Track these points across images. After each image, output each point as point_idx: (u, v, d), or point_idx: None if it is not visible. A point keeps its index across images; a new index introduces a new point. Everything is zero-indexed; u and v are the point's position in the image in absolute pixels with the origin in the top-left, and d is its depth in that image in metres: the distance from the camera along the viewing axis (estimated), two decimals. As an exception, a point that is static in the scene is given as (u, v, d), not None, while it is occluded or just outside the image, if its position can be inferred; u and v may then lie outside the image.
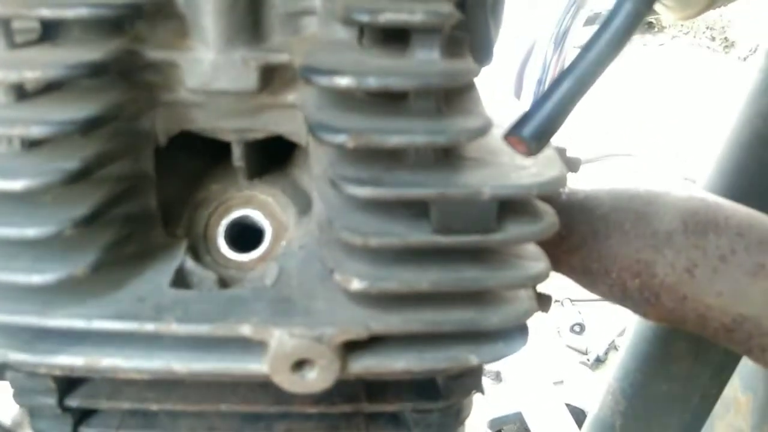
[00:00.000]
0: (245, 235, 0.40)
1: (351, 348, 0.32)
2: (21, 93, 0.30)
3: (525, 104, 0.49)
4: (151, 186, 0.36)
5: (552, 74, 1.17)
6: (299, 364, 0.32)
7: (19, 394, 0.37)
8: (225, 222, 0.40)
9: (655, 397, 0.57)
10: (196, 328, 0.32)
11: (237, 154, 0.38)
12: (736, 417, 0.66)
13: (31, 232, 0.30)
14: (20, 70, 0.28)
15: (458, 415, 0.41)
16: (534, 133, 0.28)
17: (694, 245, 0.37)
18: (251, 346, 0.32)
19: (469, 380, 0.39)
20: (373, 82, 0.27)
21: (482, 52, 0.40)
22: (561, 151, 0.43)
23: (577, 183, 0.47)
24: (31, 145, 0.30)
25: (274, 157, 0.42)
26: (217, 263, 0.39)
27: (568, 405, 1.12)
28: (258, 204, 0.41)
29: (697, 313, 0.38)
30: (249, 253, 0.39)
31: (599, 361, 1.82)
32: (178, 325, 0.32)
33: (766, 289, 0.36)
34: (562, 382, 1.57)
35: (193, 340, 0.32)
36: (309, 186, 0.39)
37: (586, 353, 1.86)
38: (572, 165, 0.44)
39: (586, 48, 0.31)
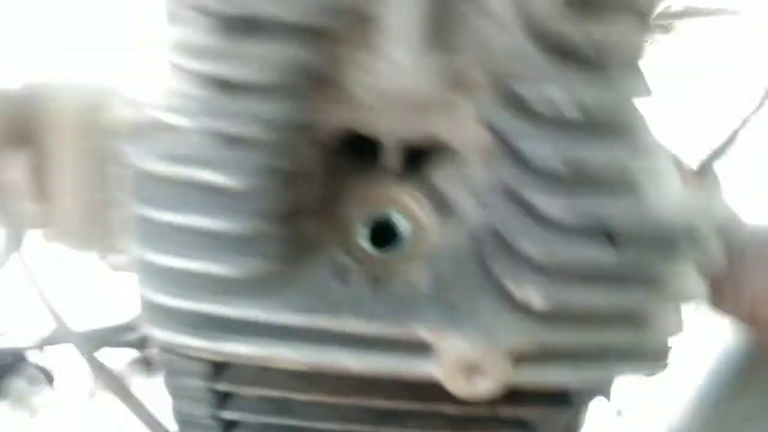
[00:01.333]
0: (385, 234, 0.41)
1: (519, 358, 0.34)
2: (227, 86, 0.30)
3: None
4: (314, 182, 0.37)
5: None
6: (471, 370, 0.33)
7: (170, 374, 0.39)
8: (369, 218, 0.41)
9: (737, 412, 0.58)
10: (373, 327, 0.33)
11: (392, 156, 0.39)
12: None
13: (234, 226, 0.31)
14: (248, 67, 0.28)
15: (578, 421, 0.42)
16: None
17: None
18: (421, 348, 0.34)
19: (598, 391, 0.40)
20: (576, 102, 0.28)
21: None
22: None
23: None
24: (232, 140, 0.31)
25: (413, 158, 0.43)
26: (359, 260, 0.40)
27: None
28: (401, 203, 0.42)
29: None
30: (389, 251, 0.40)
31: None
32: (358, 323, 0.33)
33: None
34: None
35: (363, 337, 0.34)
36: (448, 191, 0.40)
37: None
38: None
39: None
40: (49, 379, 0.75)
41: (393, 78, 0.34)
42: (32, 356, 0.75)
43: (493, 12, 0.34)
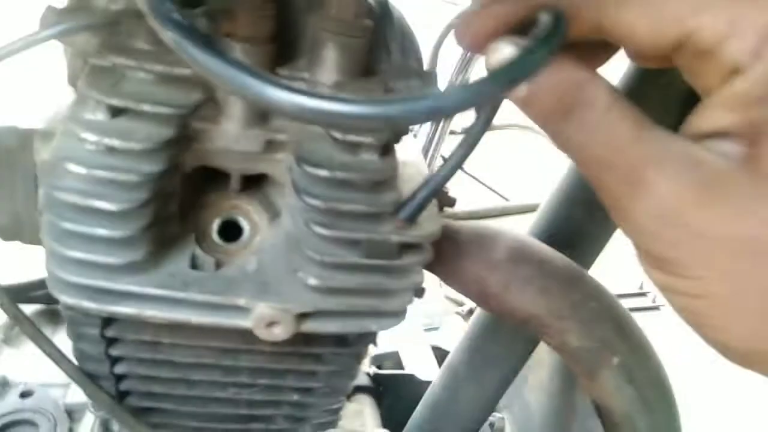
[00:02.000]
0: (231, 231, 0.59)
1: (302, 316, 0.54)
2: (111, 149, 0.48)
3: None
4: (176, 198, 0.55)
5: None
6: (271, 324, 0.53)
7: (72, 324, 0.56)
8: (218, 220, 0.58)
9: (487, 354, 0.83)
10: (210, 298, 0.52)
11: (234, 181, 0.57)
12: (541, 371, 0.94)
13: (115, 234, 0.48)
14: (126, 140, 0.46)
15: (358, 357, 0.64)
16: (408, 215, 0.50)
17: (511, 271, 0.61)
18: (241, 310, 0.53)
19: (367, 338, 0.62)
20: (339, 175, 0.48)
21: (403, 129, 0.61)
22: (442, 195, 0.65)
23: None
24: (113, 182, 0.48)
25: (253, 179, 0.61)
26: (211, 250, 0.58)
27: (439, 348, 1.35)
28: (241, 210, 0.60)
29: (509, 311, 0.62)
30: (233, 243, 0.59)
31: (472, 312, 2.11)
32: (199, 295, 0.52)
33: (548, 301, 0.61)
34: (437, 328, 1.84)
35: (205, 303, 0.52)
36: (277, 201, 0.59)
37: (461, 305, 2.12)
38: (450, 202, 0.67)
39: (453, 153, 0.51)
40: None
41: (227, 140, 0.52)
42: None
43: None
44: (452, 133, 2.06)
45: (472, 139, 0.48)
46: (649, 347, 0.65)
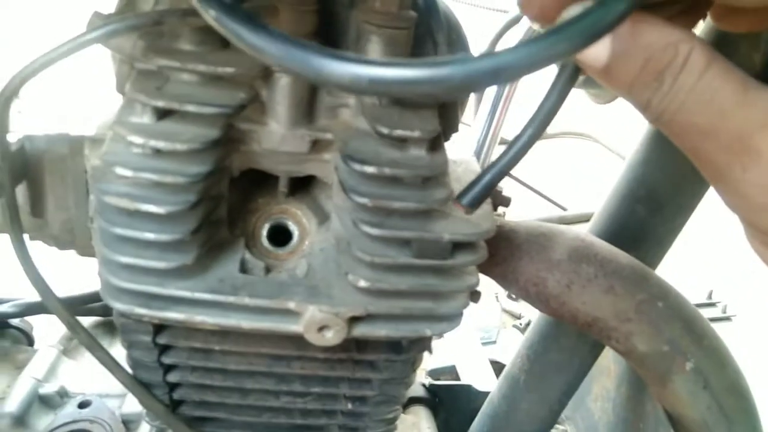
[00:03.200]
0: (280, 236, 0.58)
1: (354, 320, 0.52)
2: (158, 152, 0.47)
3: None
4: (224, 201, 0.54)
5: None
6: (322, 328, 0.51)
7: (125, 332, 0.56)
8: (267, 225, 0.58)
9: (549, 362, 0.78)
10: (260, 302, 0.50)
11: (283, 184, 0.56)
12: (606, 380, 0.89)
13: (164, 237, 0.47)
14: (172, 141, 0.45)
15: (413, 364, 0.61)
16: (470, 201, 0.47)
17: (573, 270, 0.58)
18: (291, 314, 0.51)
19: (422, 343, 0.59)
20: (387, 171, 0.46)
21: (451, 125, 0.59)
22: (496, 194, 0.62)
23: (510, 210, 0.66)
24: (160, 185, 0.48)
25: (302, 181, 0.60)
26: (261, 254, 0.57)
27: (496, 362, 1.32)
28: (290, 214, 0.59)
29: (570, 313, 0.59)
30: (282, 248, 0.57)
31: (529, 325, 2.07)
32: (249, 299, 0.50)
33: (613, 302, 0.57)
34: (495, 342, 1.80)
35: (256, 308, 0.51)
36: (326, 204, 0.58)
37: (519, 318, 2.08)
38: (505, 201, 0.64)
39: (522, 132, 0.48)
40: (30, 339, 0.91)
41: (273, 141, 0.51)
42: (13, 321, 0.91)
43: (345, 103, 0.51)
44: (502, 142, 2.02)
45: (542, 116, 0.44)
46: (724, 350, 0.60)
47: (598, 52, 0.33)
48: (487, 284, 0.62)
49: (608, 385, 0.88)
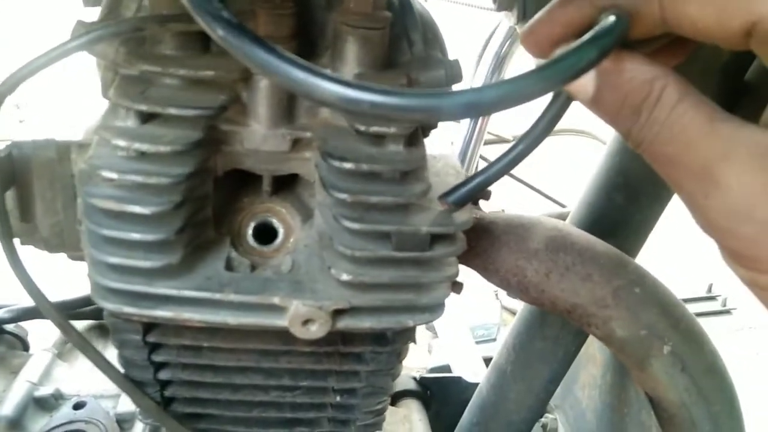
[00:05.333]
0: (265, 234, 0.59)
1: (338, 313, 0.53)
2: (142, 154, 0.49)
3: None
4: (209, 201, 0.56)
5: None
6: (306, 322, 0.53)
7: (115, 332, 0.57)
8: (252, 224, 0.59)
9: (534, 351, 0.80)
10: (245, 298, 0.52)
11: (266, 183, 0.58)
12: (593, 368, 0.91)
13: (150, 237, 0.49)
14: (155, 144, 0.47)
15: (399, 356, 0.63)
16: (456, 200, 0.49)
17: (551, 259, 0.59)
18: (277, 309, 0.53)
19: (406, 334, 0.61)
20: (364, 167, 0.48)
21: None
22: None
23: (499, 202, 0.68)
24: (145, 186, 0.49)
25: (285, 180, 0.61)
26: (246, 252, 0.58)
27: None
28: (274, 212, 0.60)
29: (550, 301, 0.60)
30: (268, 246, 0.59)
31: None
32: (235, 296, 0.52)
33: (591, 289, 0.59)
34: (494, 339, 1.81)
35: (241, 304, 0.53)
36: (309, 202, 0.59)
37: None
38: (486, 195, 0.66)
39: (519, 141, 0.50)
40: (25, 344, 0.92)
41: (255, 141, 0.52)
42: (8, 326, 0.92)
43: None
44: (488, 142, 2.04)
45: (537, 132, 0.47)
46: (701, 333, 0.62)
47: (585, 85, 0.37)
48: (486, 282, 0.63)
49: (594, 373, 0.90)
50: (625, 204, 0.70)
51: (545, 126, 0.47)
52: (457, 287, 0.58)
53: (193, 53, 0.49)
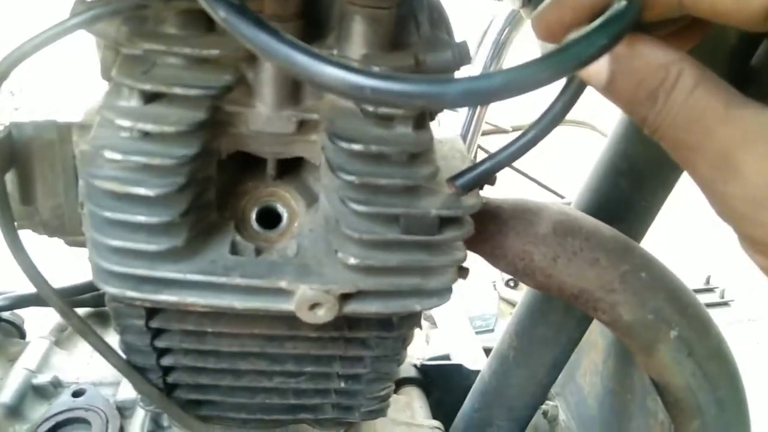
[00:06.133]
0: (269, 218, 0.59)
1: (345, 297, 0.53)
2: (146, 134, 0.48)
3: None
4: (213, 184, 0.55)
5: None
6: (313, 306, 0.52)
7: (117, 317, 0.57)
8: (256, 208, 0.58)
9: (537, 337, 0.80)
10: (252, 281, 0.51)
11: (271, 166, 0.57)
12: (594, 354, 0.91)
13: (154, 220, 0.48)
14: (159, 124, 0.46)
15: (404, 341, 0.62)
16: (465, 184, 0.49)
17: (558, 244, 0.59)
18: (283, 293, 0.52)
19: (412, 320, 0.60)
20: (373, 149, 0.47)
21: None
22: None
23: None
24: (148, 167, 0.48)
25: (290, 164, 0.60)
26: (251, 237, 0.58)
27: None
28: (279, 197, 0.60)
29: (557, 286, 0.60)
30: (272, 230, 0.58)
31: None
32: (240, 279, 0.51)
33: (597, 273, 0.59)
34: (492, 330, 1.81)
35: (247, 288, 0.52)
36: (314, 186, 0.58)
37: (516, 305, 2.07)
38: (491, 180, 0.65)
39: (530, 127, 0.50)
40: (21, 332, 0.91)
41: (259, 122, 0.51)
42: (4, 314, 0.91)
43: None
44: (485, 134, 2.03)
45: (549, 119, 0.47)
46: (707, 318, 0.62)
47: (599, 71, 0.36)
48: (484, 272, 0.63)
49: (596, 359, 0.90)
50: (629, 189, 0.70)
51: (557, 113, 0.47)
52: (463, 272, 0.58)
53: (198, 32, 0.48)
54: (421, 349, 1.52)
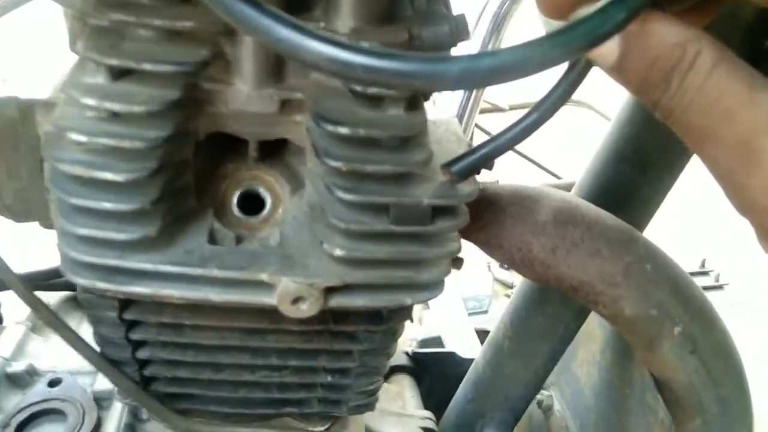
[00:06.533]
0: (251, 203, 0.55)
1: (330, 291, 0.50)
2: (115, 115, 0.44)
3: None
4: (189, 168, 0.51)
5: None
6: (296, 300, 0.49)
7: (90, 308, 0.53)
8: (237, 192, 0.55)
9: (533, 327, 0.77)
10: (230, 274, 0.48)
11: (252, 148, 0.53)
12: (592, 344, 0.89)
13: (123, 207, 0.45)
14: (128, 103, 0.42)
15: (394, 334, 0.59)
16: (461, 170, 0.45)
17: (558, 233, 0.56)
18: (264, 286, 0.49)
19: (403, 313, 0.57)
20: (362, 132, 0.44)
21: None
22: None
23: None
24: (117, 150, 0.44)
25: (274, 145, 0.57)
26: (231, 224, 0.54)
27: (487, 331, 1.30)
28: (261, 180, 0.56)
29: (556, 277, 0.57)
30: (254, 217, 0.55)
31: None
32: (218, 271, 0.48)
33: (599, 265, 0.56)
34: (486, 311, 1.79)
35: (226, 280, 0.49)
36: (299, 170, 0.55)
37: (511, 287, 2.04)
38: (489, 164, 0.62)
39: (533, 109, 0.46)
40: (-2, 317, 0.88)
41: (239, 102, 0.47)
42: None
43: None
44: (482, 112, 1.98)
45: (553, 100, 0.44)
46: (712, 312, 0.60)
47: (609, 50, 0.33)
48: (479, 253, 0.60)
49: (593, 350, 0.88)
50: (634, 175, 0.67)
51: (561, 94, 0.44)
52: (457, 263, 0.55)
53: (171, 2, 0.44)
54: (414, 330, 1.50)
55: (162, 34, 0.44)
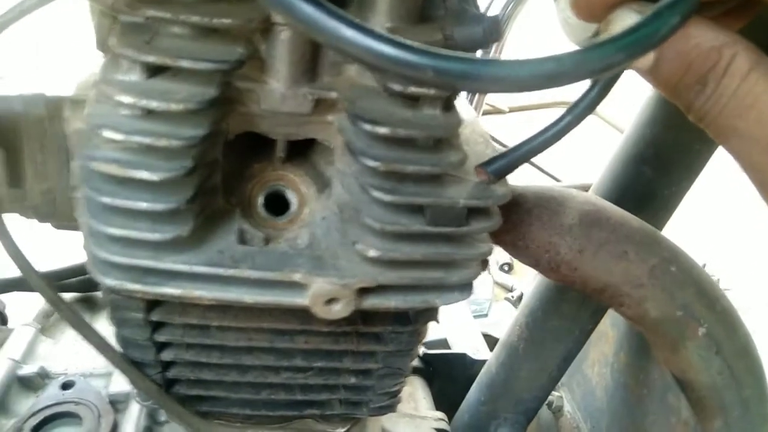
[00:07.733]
0: (277, 204, 0.55)
1: (363, 291, 0.49)
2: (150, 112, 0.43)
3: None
4: (219, 167, 0.51)
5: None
6: (330, 301, 0.48)
7: (114, 310, 0.52)
8: (263, 193, 0.54)
9: (549, 329, 0.77)
10: (263, 274, 0.47)
11: (280, 148, 0.53)
12: (604, 345, 0.89)
13: (158, 206, 0.44)
14: (166, 101, 0.41)
15: (419, 336, 0.59)
16: (496, 171, 0.45)
17: (585, 235, 0.56)
18: (296, 286, 0.49)
19: (429, 314, 0.57)
20: (400, 132, 0.43)
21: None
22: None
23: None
24: (152, 149, 0.44)
25: (299, 145, 0.56)
26: (258, 224, 0.54)
27: (488, 335, 1.30)
28: (287, 181, 0.56)
29: (582, 279, 0.57)
30: (280, 217, 0.54)
31: (522, 298, 2.03)
32: (251, 272, 0.47)
33: (625, 267, 0.56)
34: (486, 315, 1.79)
35: (258, 281, 0.48)
36: (326, 170, 0.54)
37: (511, 290, 2.05)
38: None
39: (568, 111, 0.46)
40: (3, 318, 0.86)
41: (273, 101, 0.47)
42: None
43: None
44: (485, 112, 1.99)
45: (583, 107, 0.44)
46: (735, 313, 0.60)
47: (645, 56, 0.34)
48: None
49: (606, 351, 0.88)
50: (654, 177, 0.67)
51: (594, 98, 0.44)
52: (484, 264, 0.55)
53: (206, -1, 0.44)
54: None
55: (198, 31, 0.43)
